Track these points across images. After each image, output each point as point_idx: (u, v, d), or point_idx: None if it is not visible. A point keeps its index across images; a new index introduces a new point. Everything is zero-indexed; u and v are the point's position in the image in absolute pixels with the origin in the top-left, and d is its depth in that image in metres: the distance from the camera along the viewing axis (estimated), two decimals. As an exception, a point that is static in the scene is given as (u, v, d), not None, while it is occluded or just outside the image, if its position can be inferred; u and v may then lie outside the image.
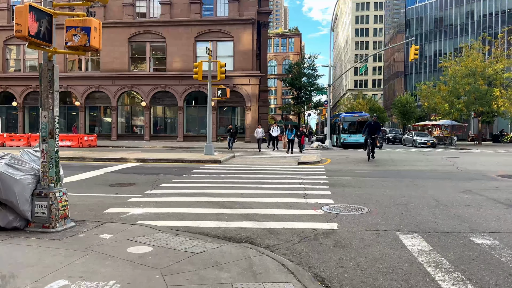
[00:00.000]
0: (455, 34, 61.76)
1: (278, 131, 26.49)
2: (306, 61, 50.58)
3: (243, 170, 13.67)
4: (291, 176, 11.98)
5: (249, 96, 33.78)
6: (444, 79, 39.46)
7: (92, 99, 36.09)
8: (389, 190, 9.41)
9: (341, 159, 18.32)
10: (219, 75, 17.54)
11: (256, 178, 11.65)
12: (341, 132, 32.17)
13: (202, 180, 11.25)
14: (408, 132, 38.32)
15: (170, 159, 16.40)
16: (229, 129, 24.43)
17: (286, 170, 13.89)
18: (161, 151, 23.62)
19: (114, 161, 16.53)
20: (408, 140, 36.09)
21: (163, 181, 11.13)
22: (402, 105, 56.25)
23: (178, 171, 13.39)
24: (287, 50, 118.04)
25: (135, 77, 34.92)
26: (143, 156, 17.08)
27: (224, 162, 16.39)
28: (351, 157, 19.63)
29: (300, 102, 53.75)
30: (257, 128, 24.75)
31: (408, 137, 36.55)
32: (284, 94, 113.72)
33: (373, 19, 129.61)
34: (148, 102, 34.75)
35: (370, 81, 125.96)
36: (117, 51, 34.95)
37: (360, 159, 18.55)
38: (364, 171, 13.77)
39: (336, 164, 16.06)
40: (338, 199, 8.29)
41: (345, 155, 21.72)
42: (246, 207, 7.53)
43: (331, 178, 11.55)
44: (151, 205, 7.78)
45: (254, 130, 27.75)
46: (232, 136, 24.30)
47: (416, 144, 33.56)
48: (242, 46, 33.73)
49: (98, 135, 35.61)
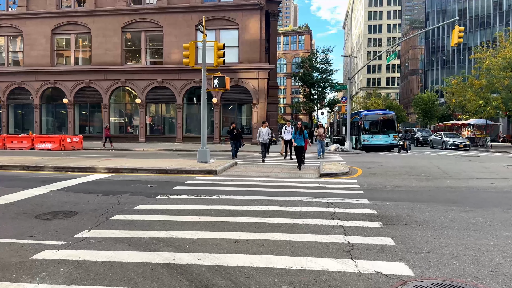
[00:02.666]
0: (481, 26, 56.90)
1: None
2: (319, 55, 46.46)
3: (245, 187, 9.73)
4: (313, 199, 8.02)
5: (256, 91, 29.84)
6: (476, 73, 34.98)
7: (82, 96, 32.52)
8: (493, 238, 5.37)
9: (374, 168, 14.25)
10: (216, 60, 13.63)
11: (261, 202, 7.71)
12: (362, 133, 28.04)
13: (181, 207, 7.35)
14: (436, 132, 33.66)
15: (151, 169, 12.53)
16: (232, 129, 17.29)
17: (304, 186, 9.92)
18: (150, 156, 19.88)
19: (78, 171, 12.74)
20: (437, 142, 31.83)
21: (123, 207, 7.33)
22: (424, 103, 51.71)
23: (155, 188, 9.55)
24: (297, 48, 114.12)
25: (129, 71, 31.25)
26: (117, 165, 13.25)
27: (222, 172, 12.48)
28: (384, 165, 15.53)
29: (312, 100, 49.60)
30: (261, 128, 17.09)
31: (437, 138, 32.24)
32: (294, 93, 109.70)
33: (387, 15, 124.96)
34: (144, 99, 31.03)
35: (383, 79, 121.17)
36: (110, 42, 31.34)
37: (398, 167, 14.47)
38: (417, 189, 9.72)
39: (371, 176, 12.01)
40: (415, 259, 4.33)
41: (374, 161, 17.62)
42: (242, 285, 3.62)
43: (377, 204, 7.57)
44: (62, 275, 3.96)
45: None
46: (236, 138, 17.36)
47: (447, 146, 29.50)
48: (248, 35, 29.81)
49: (89, 136, 32.12)
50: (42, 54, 32.18)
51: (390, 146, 27.80)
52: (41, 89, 32.58)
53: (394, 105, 60.86)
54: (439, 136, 32.27)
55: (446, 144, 29.72)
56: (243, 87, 30.11)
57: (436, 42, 65.16)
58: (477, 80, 33.40)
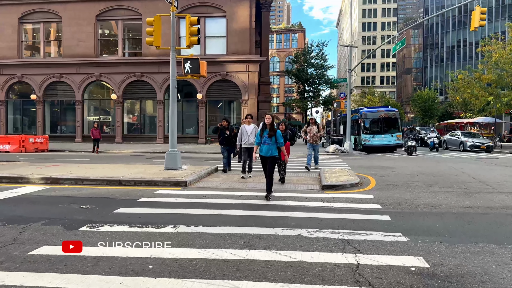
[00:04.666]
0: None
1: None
2: (314, 50, 43.68)
3: (219, 208, 6.80)
4: (319, 233, 5.15)
5: (246, 86, 26.91)
6: (483, 67, 32.38)
7: (52, 92, 29.32)
8: None
9: (388, 176, 11.39)
10: (188, 38, 10.68)
11: (238, 240, 4.79)
12: (362, 132, 25.28)
13: (103, 255, 4.43)
14: (451, 132, 29.64)
15: (101, 179, 9.56)
16: (223, 128, 11.47)
17: (303, 207, 7.02)
18: (118, 161, 16.92)
19: (7, 182, 9.74)
20: (452, 142, 27.66)
21: (12, 252, 4.44)
22: (423, 101, 49.15)
23: (88, 212, 6.63)
24: (290, 46, 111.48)
25: (104, 64, 28.13)
26: (58, 174, 10.24)
27: (194, 184, 9.53)
28: (399, 171, 12.69)
29: (306, 98, 46.82)
30: (243, 126, 10.93)
31: (453, 138, 27.83)
32: (288, 92, 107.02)
33: (381, 13, 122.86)
34: (121, 95, 27.92)
35: (378, 78, 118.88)
36: (83, 32, 28.20)
37: (418, 174, 11.63)
38: (463, 210, 6.86)
39: (389, 188, 9.14)
40: None
41: (384, 165, 14.77)
42: None
43: (421, 245, 4.72)
44: None
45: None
46: (229, 142, 11.55)
47: (466, 148, 25.52)
48: (237, 24, 26.86)
49: (61, 136, 29.00)
50: (7, 45, 28.93)
51: (393, 146, 25.08)
52: (7, 84, 29.32)
53: (392, 103, 58.28)
54: (456, 135, 27.89)
55: (465, 145, 25.72)
56: (231, 81, 27.17)
57: (435, 38, 62.70)
58: (485, 75, 30.79)
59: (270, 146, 7.59)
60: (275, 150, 7.65)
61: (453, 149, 26.89)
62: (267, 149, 7.62)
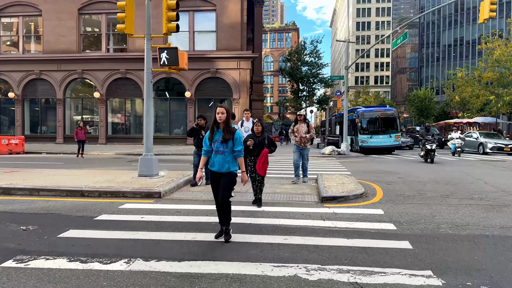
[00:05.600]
0: (479, 19, 53.42)
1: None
2: (308, 47, 42.42)
3: (194, 231, 5.38)
4: (320, 273, 3.75)
5: (237, 84, 25.50)
6: (484, 65, 31.30)
7: (32, 89, 27.67)
8: None
9: (395, 184, 10.05)
10: (165, 25, 9.25)
11: (211, 285, 3.40)
12: (359, 133, 24.06)
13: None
14: (467, 132, 26.44)
15: (60, 189, 8.10)
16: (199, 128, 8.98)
17: (298, 227, 5.62)
18: (96, 164, 15.46)
19: None
20: (469, 144, 24.35)
21: None
22: (420, 101, 48.10)
23: (29, 234, 5.29)
24: (284, 46, 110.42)
25: (87, 60, 26.54)
26: (11, 183, 8.76)
27: (169, 195, 8.10)
28: (406, 177, 11.35)
29: (300, 97, 45.52)
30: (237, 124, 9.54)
31: (469, 140, 24.54)
32: (282, 92, 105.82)
33: (375, 12, 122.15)
34: (104, 93, 26.36)
35: (372, 77, 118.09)
36: (64, 26, 26.59)
37: (429, 181, 10.31)
38: (499, 231, 5.51)
39: (400, 200, 7.79)
40: None
41: (387, 170, 13.45)
42: None
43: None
44: None
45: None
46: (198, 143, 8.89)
47: (486, 150, 22.67)
48: (227, 19, 25.44)
49: (41, 136, 27.42)
50: (-16, 40, 27.24)
51: (391, 148, 23.89)
52: (-16, 82, 27.63)
53: (387, 103, 57.21)
54: (473, 136, 24.57)
55: (485, 147, 22.73)
56: (222, 79, 25.75)
57: (431, 37, 61.74)
58: (485, 73, 29.70)
59: (226, 157, 4.75)
60: (233, 163, 4.82)
61: (470, 152, 23.90)
62: (221, 162, 4.75)
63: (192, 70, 25.52)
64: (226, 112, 4.71)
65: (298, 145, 9.82)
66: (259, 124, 7.11)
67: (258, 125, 7.09)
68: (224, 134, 4.71)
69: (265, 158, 6.75)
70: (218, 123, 4.73)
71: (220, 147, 4.71)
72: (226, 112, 4.71)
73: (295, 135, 9.81)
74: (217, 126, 4.76)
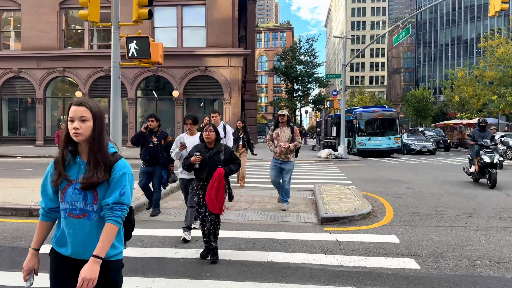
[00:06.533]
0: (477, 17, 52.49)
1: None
2: (303, 46, 41.10)
3: (148, 273, 3.97)
4: None
5: (228, 83, 24.09)
6: (485, 64, 30.16)
7: (10, 88, 26.01)
8: None
9: (405, 197, 8.71)
10: (135, 10, 7.82)
11: None
12: (357, 134, 22.81)
13: None
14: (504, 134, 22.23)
15: (4, 207, 6.66)
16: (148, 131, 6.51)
17: (295, 267, 4.24)
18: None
19: None
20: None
21: None
22: (417, 101, 46.98)
23: None
24: (278, 45, 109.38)
25: (69, 57, 24.97)
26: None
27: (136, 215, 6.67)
28: (415, 187, 10.01)
29: (295, 97, 44.25)
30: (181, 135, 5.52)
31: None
32: (276, 92, 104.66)
33: (370, 12, 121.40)
34: (87, 92, 24.80)
35: (367, 77, 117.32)
36: (45, 21, 25.00)
37: (443, 192, 8.98)
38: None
39: (416, 222, 6.43)
40: None
41: (391, 177, 12.11)
42: None
43: None
44: None
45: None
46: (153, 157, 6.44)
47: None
48: (218, 13, 24.02)
49: (20, 138, 25.85)
50: (-41, 36, 25.58)
51: (390, 150, 22.65)
52: (-41, 80, 25.94)
53: (383, 103, 56.11)
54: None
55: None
56: (212, 77, 24.32)
57: (428, 36, 60.74)
58: (487, 72, 28.58)
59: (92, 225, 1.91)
60: (94, 238, 1.89)
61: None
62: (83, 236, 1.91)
63: (180, 68, 24.11)
64: (92, 115, 1.91)
65: (278, 158, 7.00)
66: (211, 129, 4.42)
67: (210, 131, 4.42)
68: (89, 167, 1.89)
69: (219, 184, 4.24)
70: (71, 141, 1.92)
71: (78, 200, 1.90)
72: (93, 117, 1.91)
73: (274, 144, 7.01)
74: (71, 148, 1.95)
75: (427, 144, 24.05)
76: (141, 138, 6.56)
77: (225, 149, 4.54)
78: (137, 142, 6.62)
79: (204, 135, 4.46)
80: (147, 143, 6.45)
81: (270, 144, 7.13)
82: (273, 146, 7.05)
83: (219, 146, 4.51)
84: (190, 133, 5.57)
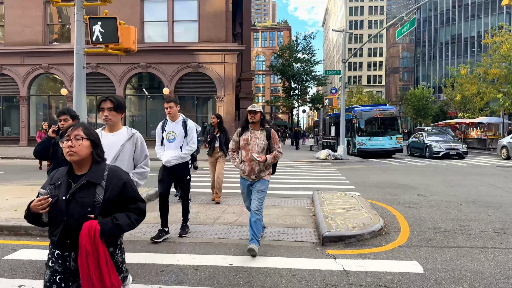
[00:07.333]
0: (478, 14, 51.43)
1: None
2: (301, 43, 39.96)
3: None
4: None
5: (221, 80, 22.91)
6: (489, 61, 29.12)
7: (-8, 86, 24.77)
8: None
9: (421, 208, 7.54)
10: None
11: None
12: (357, 134, 21.71)
13: None
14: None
15: None
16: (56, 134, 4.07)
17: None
18: (28, 177, 12.84)
19: None
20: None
21: None
22: (417, 100, 45.95)
23: None
24: (276, 45, 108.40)
25: (54, 53, 23.70)
26: None
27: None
28: (430, 196, 8.85)
29: (292, 96, 43.09)
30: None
31: None
32: (273, 91, 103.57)
33: (368, 11, 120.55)
34: (73, 89, 23.53)
35: (365, 77, 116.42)
36: (29, 15, 23.76)
37: (461, 201, 7.83)
38: None
39: (439, 242, 5.27)
40: None
41: (398, 182, 10.96)
42: None
43: None
44: None
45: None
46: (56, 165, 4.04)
47: None
48: (211, 7, 22.84)
49: (4, 138, 24.65)
50: None
51: (392, 151, 21.57)
52: None
53: (382, 102, 55.03)
54: None
55: None
56: (205, 74, 23.14)
57: (427, 35, 59.67)
58: (492, 70, 27.53)
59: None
60: None
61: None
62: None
63: (172, 64, 22.93)
64: None
65: (246, 178, 4.69)
66: (78, 135, 2.06)
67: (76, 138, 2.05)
68: None
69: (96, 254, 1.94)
70: None
71: None
72: None
73: (241, 156, 4.76)
74: None
75: (456, 146, 19.75)
76: (50, 144, 4.10)
77: (111, 177, 2.09)
78: (43, 151, 4.17)
79: (63, 147, 2.04)
80: (57, 152, 3.86)
81: (235, 157, 4.79)
82: (238, 160, 4.75)
83: (98, 171, 2.08)
84: (108, 128, 3.30)
